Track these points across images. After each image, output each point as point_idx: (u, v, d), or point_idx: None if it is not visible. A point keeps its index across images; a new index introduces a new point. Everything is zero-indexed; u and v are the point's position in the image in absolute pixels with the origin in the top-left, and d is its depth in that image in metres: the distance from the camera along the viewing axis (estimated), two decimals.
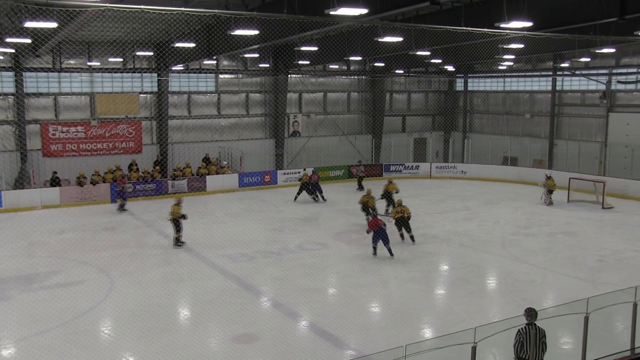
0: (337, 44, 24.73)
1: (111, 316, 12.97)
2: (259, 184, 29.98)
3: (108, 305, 13.48)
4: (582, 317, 8.87)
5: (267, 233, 20.48)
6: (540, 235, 20.46)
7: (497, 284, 15.89)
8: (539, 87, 36.33)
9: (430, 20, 18.86)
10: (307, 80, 35.31)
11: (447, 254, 18.41)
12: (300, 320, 12.88)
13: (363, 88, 37.65)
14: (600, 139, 32.39)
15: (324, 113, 36.09)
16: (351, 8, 12.11)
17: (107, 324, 12.63)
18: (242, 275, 15.59)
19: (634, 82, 30.82)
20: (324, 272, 16.34)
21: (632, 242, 19.36)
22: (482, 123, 39.88)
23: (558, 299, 13.62)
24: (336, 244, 19.01)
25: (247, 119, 33.46)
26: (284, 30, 17.72)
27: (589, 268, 16.58)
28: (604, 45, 22.81)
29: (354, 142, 36.46)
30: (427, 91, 41.15)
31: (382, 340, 11.22)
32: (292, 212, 24.23)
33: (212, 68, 31.88)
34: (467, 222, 22.31)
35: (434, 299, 14.59)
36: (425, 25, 16.01)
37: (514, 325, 8.38)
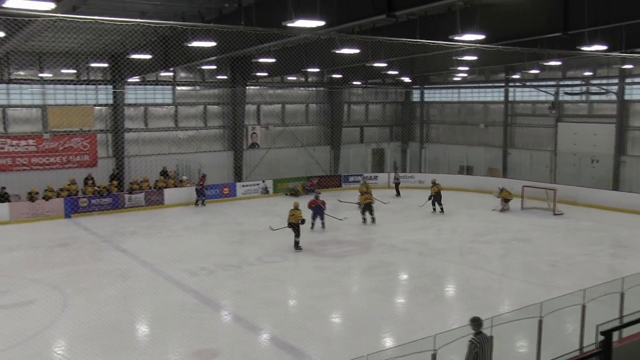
0: (295, 56, 24.85)
1: (65, 336, 12.62)
2: (218, 196, 29.79)
3: (62, 325, 13.14)
4: (537, 321, 9.11)
5: (227, 246, 20.37)
6: (496, 242, 20.89)
7: (456, 292, 16.15)
8: (492, 97, 37.17)
9: (386, 32, 19.15)
10: (265, 92, 35.32)
11: (406, 263, 18.62)
12: (261, 333, 12.84)
13: (321, 99, 37.86)
14: (551, 148, 33.31)
15: (283, 124, 36.14)
16: (308, 20, 12.22)
17: (60, 344, 12.27)
18: (201, 290, 15.45)
19: (580, 93, 31.87)
20: (284, 284, 16.33)
21: (581, 247, 19.95)
22: (439, 133, 40.53)
23: (514, 304, 13.91)
24: (296, 256, 19.03)
25: (205, 131, 33.25)
26: (242, 42, 17.72)
27: (543, 273, 17.00)
28: (551, 58, 23.59)
29: (313, 153, 36.59)
30: (384, 102, 41.61)
31: (344, 350, 11.27)
32: (251, 224, 24.15)
33: (169, 80, 31.61)
34: (425, 231, 22.61)
35: (394, 308, 14.73)
36: (382, 37, 16.28)
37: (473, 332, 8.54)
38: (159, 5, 17.31)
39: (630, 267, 16.61)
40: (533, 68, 31.89)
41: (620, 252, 19.63)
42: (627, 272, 13.28)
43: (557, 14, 15.51)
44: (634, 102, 29.94)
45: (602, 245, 20.42)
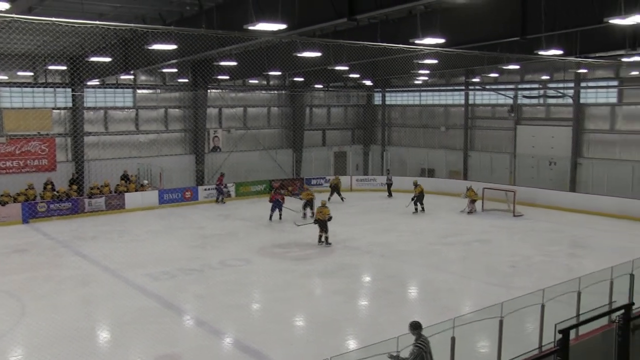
0: (257, 59, 24.77)
1: (23, 344, 12.29)
2: (180, 200, 29.49)
3: (20, 333, 12.80)
4: (497, 321, 9.24)
5: (189, 250, 20.16)
6: (458, 244, 21.15)
7: (418, 293, 16.30)
8: (452, 101, 37.68)
9: (348, 36, 19.23)
10: (226, 95, 35.11)
11: (369, 265, 18.70)
12: (224, 337, 12.75)
13: (283, 103, 37.82)
14: (510, 151, 33.91)
15: (245, 128, 35.97)
16: (270, 23, 12.20)
17: (18, 353, 11.93)
18: (163, 294, 15.26)
19: (537, 96, 32.56)
20: (247, 287, 16.25)
21: (540, 248, 20.34)
22: (400, 136, 40.88)
23: (475, 304, 14.10)
24: (259, 259, 18.95)
25: (167, 134, 32.87)
26: (203, 45, 17.60)
27: (503, 274, 17.28)
28: (510, 62, 24.03)
29: (275, 156, 36.50)
30: (346, 105, 41.79)
31: (307, 353, 11.27)
32: (213, 228, 23.98)
33: (129, 83, 31.17)
34: (387, 234, 22.76)
35: (357, 310, 14.78)
36: (343, 40, 16.34)
37: (436, 332, 8.62)
38: (118, 8, 17.06)
39: (586, 267, 17.02)
40: (492, 72, 32.44)
41: (577, 252, 20.09)
42: (584, 272, 13.59)
43: (515, 19, 15.82)
44: (589, 106, 30.70)
45: (560, 246, 20.86)
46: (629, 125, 29.15)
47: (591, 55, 21.86)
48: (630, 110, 29.16)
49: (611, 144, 29.75)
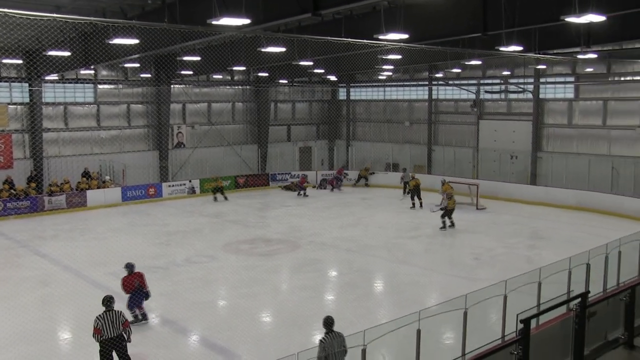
0: (221, 54, 24.61)
1: None
2: (143, 197, 29.13)
3: None
4: (462, 313, 9.40)
5: (153, 247, 19.94)
6: (422, 237, 21.40)
7: (384, 287, 16.44)
8: (416, 96, 38.01)
9: (312, 31, 19.25)
10: (190, 90, 34.78)
11: (335, 259, 18.79)
12: (190, 335, 12.67)
13: (247, 98, 37.64)
14: (473, 145, 34.41)
15: (209, 124, 35.70)
16: (234, 18, 12.12)
17: None
18: None
19: (499, 92, 33.11)
20: (213, 284, 16.16)
21: (503, 240, 20.72)
22: (365, 131, 41.09)
23: (440, 297, 14.31)
24: (225, 256, 18.87)
25: (129, 130, 32.40)
26: (166, 40, 17.40)
27: (467, 266, 17.55)
28: (472, 58, 24.37)
29: (240, 152, 36.34)
30: (311, 100, 41.81)
31: (275, 349, 11.27)
32: (178, 225, 23.75)
33: (90, 78, 30.60)
34: (353, 228, 22.89)
35: (324, 305, 14.83)
36: (308, 36, 16.36)
37: (402, 325, 8.71)
38: (77, 0, 16.74)
39: (546, 258, 17.38)
40: (455, 67, 32.87)
41: (537, 243, 20.51)
42: (544, 263, 13.89)
43: (477, 15, 16.06)
44: (548, 101, 31.34)
45: (521, 238, 21.27)
46: (586, 119, 29.86)
47: (549, 51, 22.34)
48: (587, 105, 29.86)
49: (569, 138, 30.44)
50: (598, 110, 29.32)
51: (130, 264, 13.33)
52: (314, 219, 24.21)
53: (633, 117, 28.00)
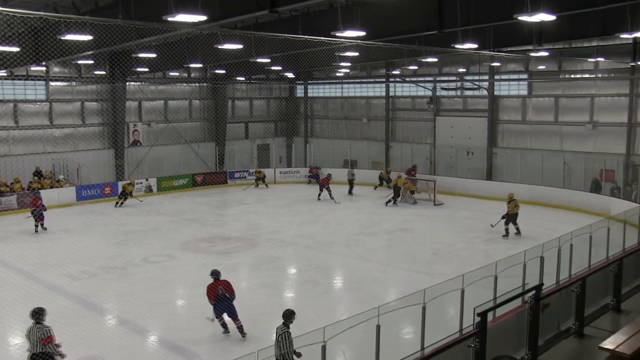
0: (177, 51, 24.31)
1: None
2: (99, 196, 28.58)
3: None
4: (420, 307, 9.51)
5: (110, 247, 19.60)
6: (381, 233, 21.57)
7: (343, 283, 16.51)
8: (374, 92, 38.27)
9: (269, 28, 19.19)
10: (146, 88, 34.26)
11: (294, 257, 18.80)
12: (148, 335, 12.51)
13: (205, 95, 37.28)
14: (430, 141, 34.83)
15: (165, 121, 35.23)
16: (190, 15, 11.98)
17: None
18: (83, 294, 14.78)
19: (455, 88, 33.61)
20: (171, 284, 15.98)
21: (460, 235, 21.05)
22: (323, 128, 41.18)
23: (399, 292, 14.44)
24: (183, 254, 18.67)
25: (84, 128, 31.72)
26: (120, 36, 17.09)
27: (425, 261, 17.77)
28: (428, 55, 24.67)
29: (197, 150, 35.98)
30: (268, 98, 41.68)
31: (235, 348, 11.23)
32: (135, 224, 23.40)
33: (41, 75, 29.82)
34: (312, 225, 22.92)
35: (283, 302, 14.79)
36: (265, 33, 16.26)
37: (362, 321, 8.76)
38: None
39: (502, 252, 17.75)
40: (412, 64, 33.19)
41: (494, 237, 20.89)
42: (500, 256, 14.17)
43: (432, 13, 16.25)
44: (503, 98, 31.94)
45: (478, 232, 21.64)
46: (539, 116, 30.54)
47: (503, 49, 22.79)
48: (539, 102, 30.55)
49: (523, 134, 31.08)
50: (550, 107, 30.03)
51: (215, 271, 12.46)
52: (273, 217, 24.16)
53: (583, 114, 28.77)
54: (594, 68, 28.57)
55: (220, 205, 27.89)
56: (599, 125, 28.24)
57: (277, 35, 15.25)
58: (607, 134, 28.03)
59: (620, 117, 27.51)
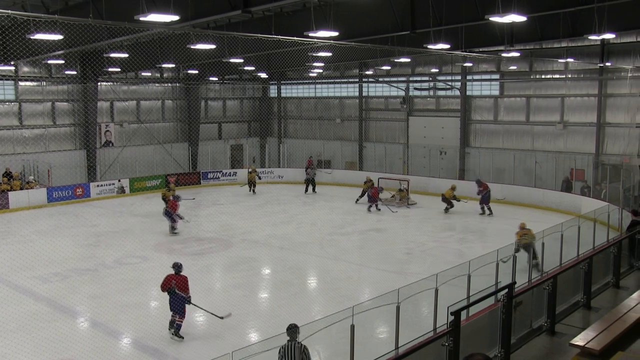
0: (149, 51, 24.06)
1: None
2: (71, 197, 28.17)
3: None
4: (394, 307, 9.56)
5: (82, 249, 19.33)
6: (354, 233, 21.63)
7: (317, 284, 16.53)
8: (347, 93, 38.38)
9: (242, 28, 19.14)
10: (118, 88, 33.88)
11: (268, 257, 18.75)
12: (121, 338, 12.37)
13: (177, 95, 37.00)
14: (403, 141, 35.04)
15: (138, 122, 34.88)
16: (162, 14, 11.89)
17: None
18: (54, 297, 14.55)
19: (428, 88, 33.87)
20: (144, 285, 15.81)
21: (433, 234, 21.21)
22: (296, 128, 41.16)
23: (373, 292, 14.50)
24: (156, 256, 18.50)
25: (54, 129, 31.24)
26: (91, 36, 16.88)
27: (399, 261, 17.87)
28: (401, 55, 24.81)
29: (170, 150, 35.70)
30: (241, 98, 41.53)
31: (209, 349, 11.16)
32: (107, 225, 23.12)
33: (10, 75, 29.29)
34: (285, 226, 22.90)
35: (258, 303, 14.79)
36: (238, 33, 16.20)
37: (336, 321, 8.79)
38: None
39: (475, 251, 17.91)
40: (385, 64, 33.37)
41: (467, 237, 21.10)
42: (473, 256, 14.29)
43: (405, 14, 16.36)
44: (475, 98, 32.27)
45: (451, 232, 21.83)
46: (510, 116, 30.92)
47: (475, 49, 23.03)
48: (511, 102, 30.93)
49: (495, 133, 31.44)
50: (522, 107, 30.43)
51: (176, 264, 12.61)
52: (247, 217, 24.07)
53: (554, 114, 29.21)
54: (564, 69, 29.02)
55: (194, 206, 27.67)
56: (569, 125, 28.71)
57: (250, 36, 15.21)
58: (577, 134, 28.50)
59: (589, 117, 28.01)
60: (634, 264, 11.94)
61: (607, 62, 26.63)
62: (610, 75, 27.26)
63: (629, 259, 11.86)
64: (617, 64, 26.42)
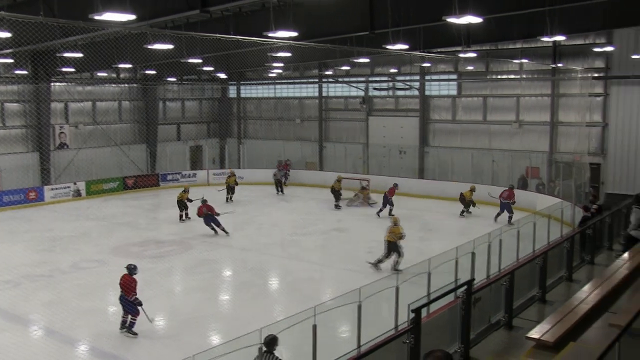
0: (105, 51, 23.63)
1: None
2: (23, 202, 27.44)
3: None
4: (356, 306, 9.60)
5: (35, 255, 18.81)
6: (316, 233, 21.64)
7: (279, 284, 16.48)
8: (307, 93, 38.37)
9: (200, 28, 18.94)
10: (73, 88, 33.12)
11: (229, 259, 18.62)
12: (78, 345, 12.10)
13: (135, 96, 36.40)
14: (363, 141, 35.22)
15: (94, 123, 34.17)
16: (118, 13, 11.65)
17: None
18: (5, 306, 14.10)
19: (387, 89, 34.14)
20: (102, 290, 15.48)
21: None
22: (256, 129, 40.97)
23: (335, 291, 14.51)
24: (114, 259, 18.14)
25: (4, 131, 30.34)
26: (43, 35, 16.45)
27: (360, 260, 17.90)
28: (360, 56, 24.95)
29: (128, 152, 35.09)
30: (200, 99, 41.13)
31: (170, 352, 11.02)
32: (63, 229, 22.59)
33: None
34: (246, 227, 22.77)
35: (219, 305, 14.67)
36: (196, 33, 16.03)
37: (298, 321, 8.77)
38: None
39: (435, 249, 18.07)
40: (344, 65, 33.49)
41: (427, 235, 21.33)
42: (433, 253, 14.44)
43: (364, 14, 16.43)
44: (433, 98, 32.65)
45: (412, 230, 21.92)
46: (468, 115, 31.40)
47: (433, 50, 23.31)
48: (468, 101, 31.41)
49: (453, 133, 31.86)
50: (479, 106, 30.92)
51: (128, 266, 12.76)
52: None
53: (510, 113, 29.77)
54: (519, 69, 29.61)
55: (153, 208, 27.33)
56: (524, 124, 29.30)
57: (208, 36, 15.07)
58: (532, 133, 29.12)
59: (543, 116, 28.65)
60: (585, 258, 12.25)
61: (559, 63, 27.29)
62: (562, 75, 27.93)
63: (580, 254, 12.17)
64: (568, 65, 27.09)
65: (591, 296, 8.85)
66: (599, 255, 12.66)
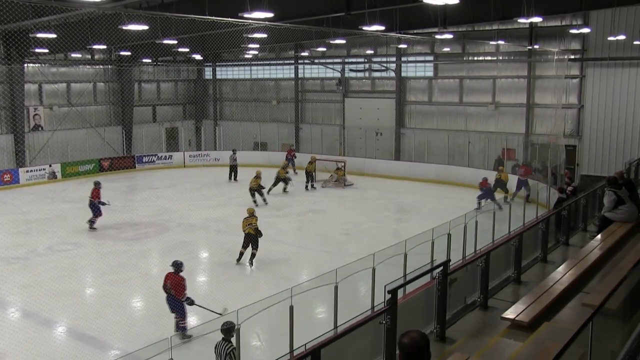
0: (79, 31, 23.22)
1: None
2: None
3: None
4: (333, 287, 9.70)
5: (11, 237, 18.63)
6: (292, 215, 21.71)
7: (256, 266, 16.52)
8: (283, 74, 38.20)
9: (175, 8, 18.70)
10: (47, 70, 32.54)
11: (205, 241, 18.63)
12: (55, 327, 12.08)
13: (110, 78, 35.90)
14: (339, 122, 35.25)
15: (69, 105, 33.68)
16: None
17: None
18: None
19: (363, 70, 34.12)
20: (79, 272, 15.45)
21: (370, 215, 21.52)
22: (232, 110, 40.74)
23: (311, 273, 14.63)
24: (90, 242, 18.09)
25: None
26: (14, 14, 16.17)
27: (336, 241, 18.07)
28: (337, 37, 24.89)
29: (104, 134, 34.69)
30: (176, 80, 40.73)
31: (147, 334, 11.02)
32: (38, 212, 22.38)
33: None
34: (222, 209, 22.74)
35: (195, 287, 14.65)
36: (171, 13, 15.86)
37: (275, 303, 8.84)
38: None
39: (411, 230, 18.24)
40: (320, 46, 33.36)
41: (403, 216, 21.53)
42: (409, 235, 14.61)
43: None
44: (410, 79, 32.72)
45: (388, 212, 22.20)
46: (444, 97, 31.54)
47: (410, 31, 23.33)
48: (445, 83, 31.54)
49: (429, 114, 32.02)
50: (455, 88, 31.07)
51: (175, 262, 11.96)
52: (183, 201, 23.72)
53: (486, 95, 29.97)
54: (495, 51, 29.76)
55: (129, 190, 27.14)
56: (500, 105, 29.54)
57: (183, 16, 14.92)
58: (508, 115, 29.37)
59: (519, 98, 28.89)
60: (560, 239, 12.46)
61: (536, 45, 27.49)
62: (538, 57, 28.15)
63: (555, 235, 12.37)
64: (544, 47, 27.31)
65: (565, 277, 9.02)
66: (573, 236, 12.89)
